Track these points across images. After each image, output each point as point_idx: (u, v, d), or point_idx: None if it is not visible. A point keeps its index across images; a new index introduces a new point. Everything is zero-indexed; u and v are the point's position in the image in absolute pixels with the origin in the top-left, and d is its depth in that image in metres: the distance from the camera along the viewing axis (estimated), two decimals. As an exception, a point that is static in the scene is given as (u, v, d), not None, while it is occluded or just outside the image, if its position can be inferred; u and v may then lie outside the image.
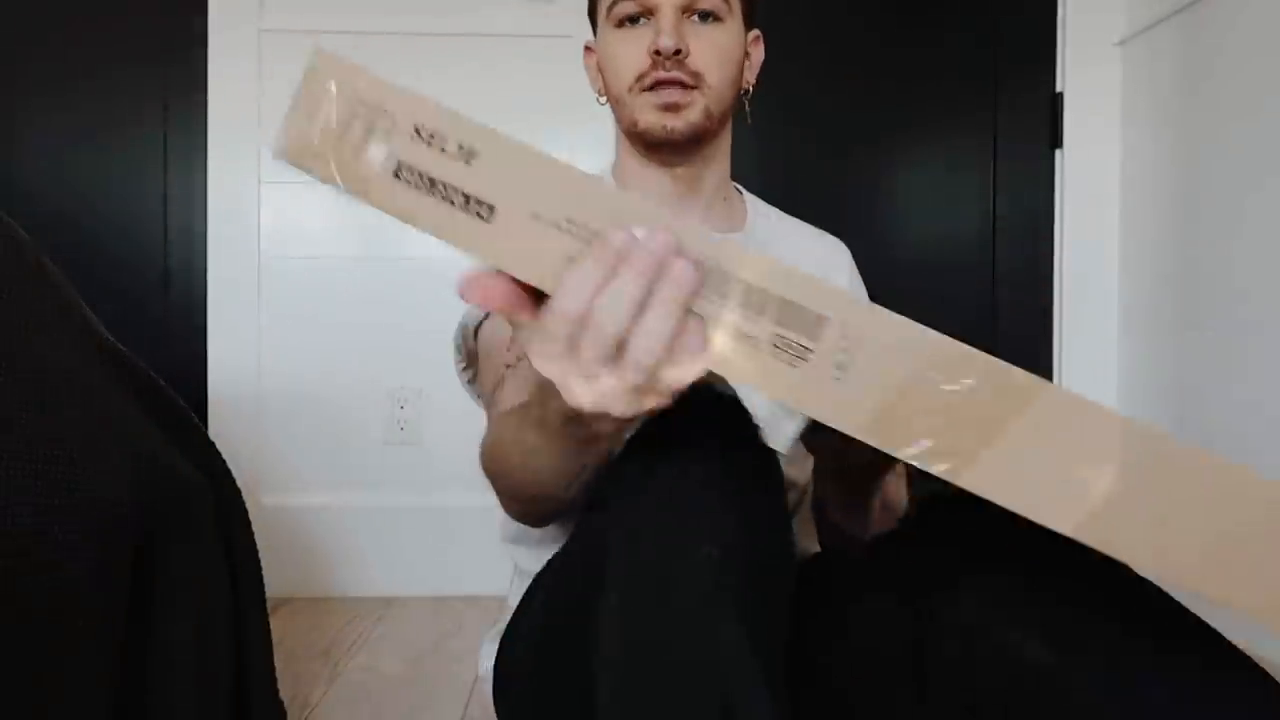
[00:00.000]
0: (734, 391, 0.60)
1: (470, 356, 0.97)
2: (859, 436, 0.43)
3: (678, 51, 0.83)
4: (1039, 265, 1.88)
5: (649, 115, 0.86)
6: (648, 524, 0.54)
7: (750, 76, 0.95)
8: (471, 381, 1.00)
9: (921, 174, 1.88)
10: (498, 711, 0.84)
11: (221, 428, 1.77)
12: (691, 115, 0.85)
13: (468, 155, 0.44)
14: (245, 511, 0.58)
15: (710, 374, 0.44)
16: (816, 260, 0.99)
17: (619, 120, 0.91)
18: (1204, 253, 1.60)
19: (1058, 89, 1.86)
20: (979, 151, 1.88)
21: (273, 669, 0.64)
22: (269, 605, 0.64)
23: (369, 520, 1.78)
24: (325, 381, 1.80)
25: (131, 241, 1.81)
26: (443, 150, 0.44)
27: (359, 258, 1.82)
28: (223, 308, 1.80)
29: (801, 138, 1.85)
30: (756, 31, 0.95)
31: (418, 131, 0.44)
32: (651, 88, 0.85)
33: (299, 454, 1.81)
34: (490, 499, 0.76)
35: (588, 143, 1.79)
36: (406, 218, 0.44)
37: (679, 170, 0.91)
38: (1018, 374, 0.42)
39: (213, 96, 1.79)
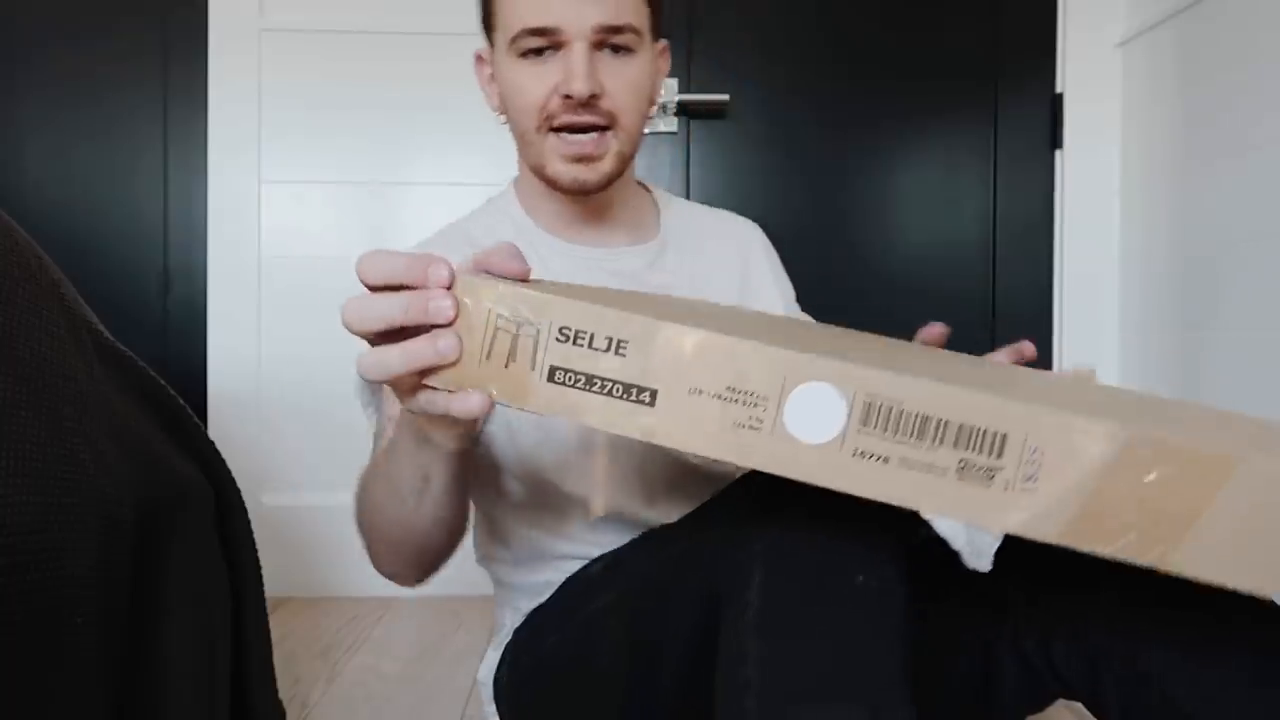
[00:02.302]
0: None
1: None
2: (1058, 543, 0.42)
3: (593, 95, 0.75)
4: (1039, 265, 1.88)
5: (557, 164, 0.79)
6: (797, 547, 0.54)
7: (658, 93, 0.87)
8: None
9: (921, 174, 1.88)
10: (501, 717, 0.84)
11: (221, 427, 1.77)
12: (604, 166, 0.79)
13: (618, 346, 0.45)
14: (245, 511, 0.58)
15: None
16: (735, 247, 0.94)
17: (522, 155, 0.84)
18: (1204, 253, 1.60)
19: (1058, 89, 1.86)
20: (979, 151, 1.88)
21: (272, 669, 0.64)
22: (269, 605, 0.64)
23: (369, 520, 1.78)
24: (325, 381, 1.80)
25: (131, 241, 1.81)
26: (592, 347, 0.45)
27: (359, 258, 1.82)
28: (223, 307, 1.80)
29: (801, 138, 1.85)
30: (664, 42, 0.86)
31: (563, 334, 0.45)
32: (559, 129, 0.77)
33: (299, 454, 1.81)
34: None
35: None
36: (574, 415, 0.45)
37: (585, 202, 0.85)
38: (1207, 452, 0.41)
39: (213, 96, 1.79)
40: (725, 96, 1.79)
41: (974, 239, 1.88)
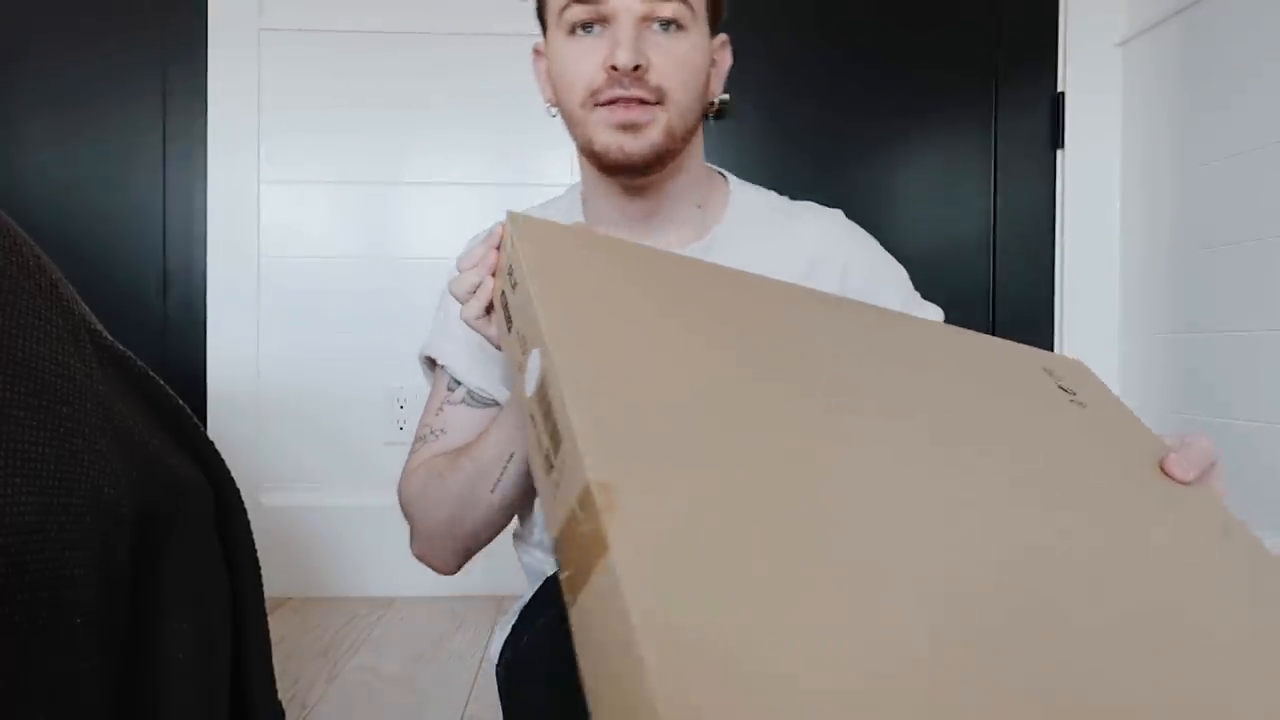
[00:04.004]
0: None
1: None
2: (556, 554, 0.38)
3: (636, 67, 0.74)
4: (1039, 265, 1.88)
5: (604, 135, 0.77)
6: None
7: (717, 86, 0.86)
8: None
9: (921, 174, 1.88)
10: (503, 698, 0.84)
11: (221, 427, 1.77)
12: (652, 135, 0.77)
13: (514, 283, 0.51)
14: (245, 511, 0.58)
15: None
16: (803, 248, 0.87)
17: (574, 137, 0.82)
18: (1204, 253, 1.60)
19: (1058, 89, 1.86)
20: (979, 151, 1.88)
21: (272, 669, 0.64)
22: (269, 605, 0.64)
23: (369, 520, 1.78)
24: (325, 381, 1.80)
25: (131, 242, 1.81)
26: (511, 283, 0.52)
27: (359, 258, 1.82)
28: (222, 307, 1.80)
29: (801, 138, 1.85)
30: (724, 36, 0.86)
31: (510, 272, 0.52)
32: (607, 104, 0.76)
33: (299, 454, 1.81)
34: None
35: (588, 142, 1.79)
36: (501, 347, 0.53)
37: (640, 190, 0.82)
38: (592, 525, 0.34)
39: (213, 96, 1.79)
40: (726, 95, 1.79)
41: (974, 239, 1.88)
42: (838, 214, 0.93)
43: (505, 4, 1.82)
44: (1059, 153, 1.87)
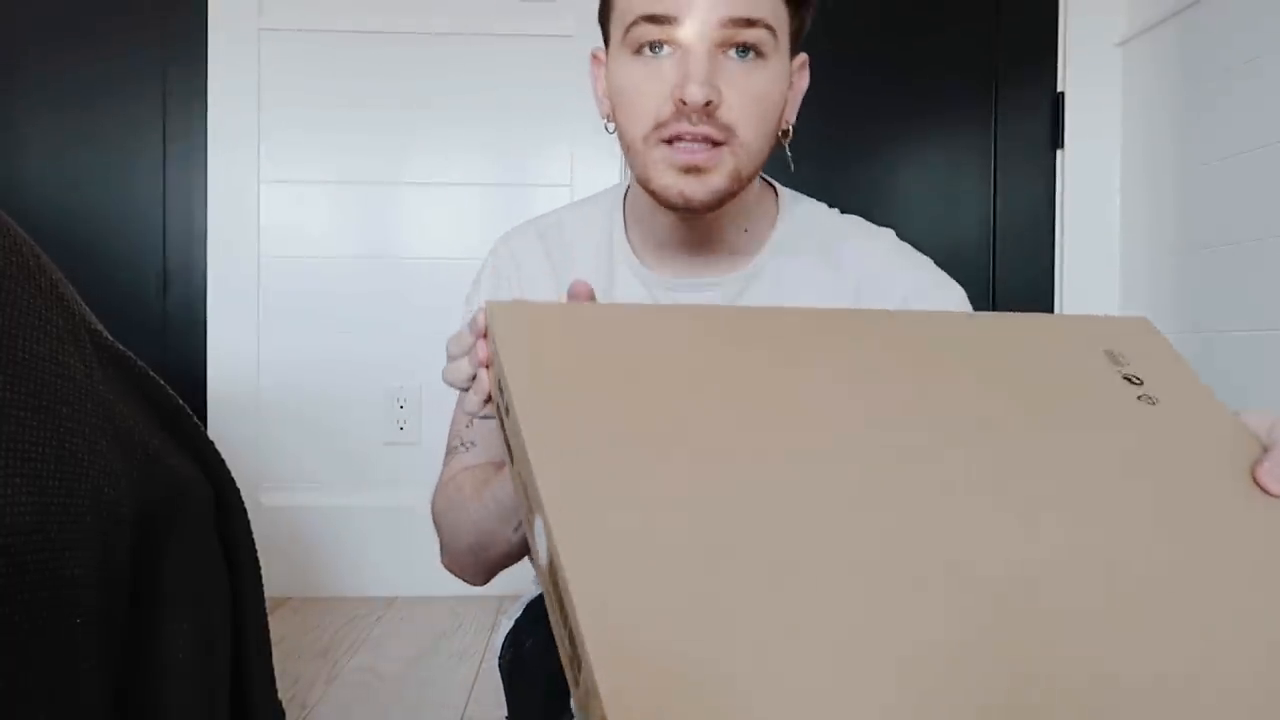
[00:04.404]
0: None
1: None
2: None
3: (708, 103, 0.66)
4: (1039, 265, 1.88)
5: (665, 176, 0.69)
6: None
7: (791, 113, 0.79)
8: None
9: (921, 174, 1.88)
10: (506, 691, 0.85)
11: (221, 427, 1.77)
12: (715, 181, 0.69)
13: (501, 390, 0.47)
14: (245, 511, 0.58)
15: None
16: (849, 273, 0.80)
17: (630, 165, 0.74)
18: (1204, 253, 1.60)
19: (1058, 89, 1.86)
20: (979, 151, 1.88)
21: (272, 669, 0.64)
22: (269, 605, 0.64)
23: (369, 520, 1.78)
24: (325, 381, 1.80)
25: (131, 241, 1.81)
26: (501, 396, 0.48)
27: (359, 258, 1.82)
28: (222, 307, 1.80)
29: (802, 137, 1.85)
30: (804, 57, 0.80)
31: (499, 384, 0.48)
32: (670, 140, 0.68)
33: (299, 454, 1.81)
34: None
35: (585, 149, 1.79)
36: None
37: (694, 224, 0.76)
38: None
39: (212, 96, 1.79)
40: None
41: (974, 239, 1.88)
42: (888, 235, 0.84)
43: (505, 4, 1.82)
44: (1059, 153, 1.87)
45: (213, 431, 2.00)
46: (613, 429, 0.43)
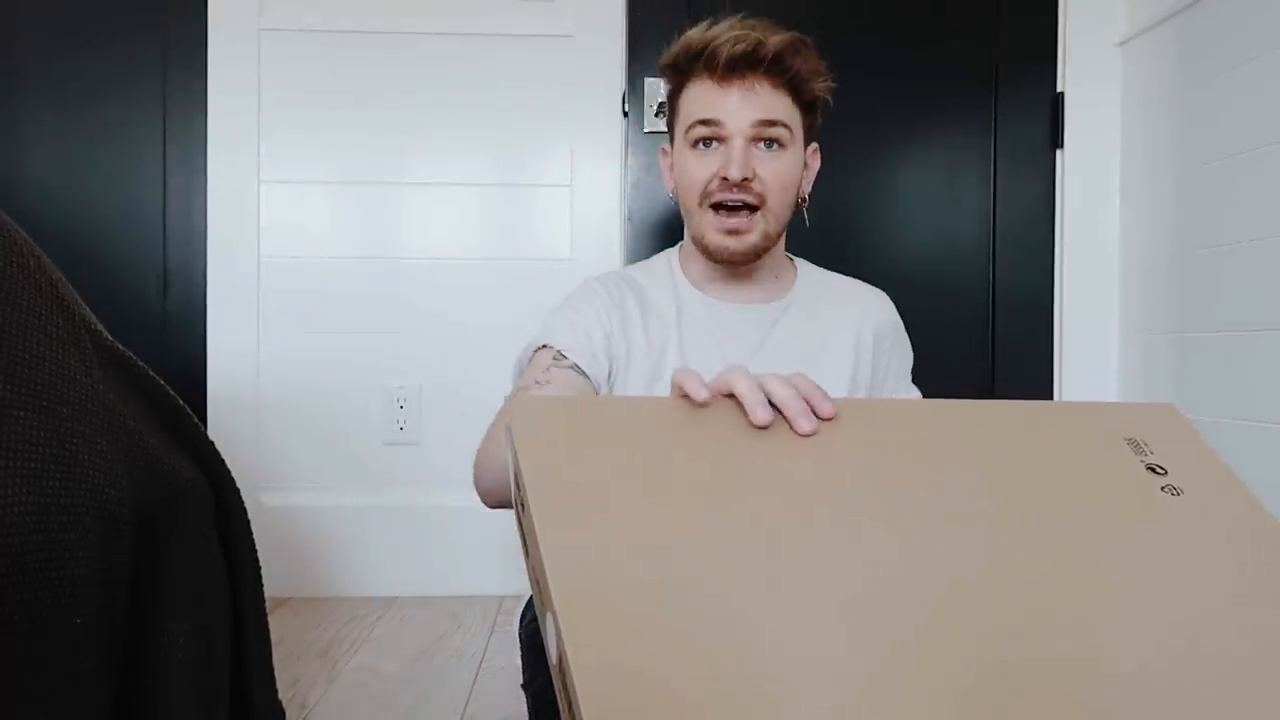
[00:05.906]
0: None
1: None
2: None
3: (745, 179, 0.94)
4: (1039, 265, 1.88)
5: (714, 236, 0.97)
6: None
7: (806, 186, 1.05)
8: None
9: (922, 174, 1.88)
10: (524, 655, 0.95)
11: (221, 427, 1.77)
12: (751, 239, 0.97)
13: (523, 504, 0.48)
14: (245, 511, 0.58)
15: None
16: (856, 312, 1.06)
17: (687, 225, 1.02)
18: (1204, 253, 1.60)
19: (1058, 89, 1.86)
20: (979, 151, 1.88)
21: (272, 669, 0.64)
22: (269, 605, 0.64)
23: (369, 520, 1.78)
24: (325, 381, 1.80)
25: (131, 241, 1.81)
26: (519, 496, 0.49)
27: (359, 258, 1.82)
28: (222, 307, 1.80)
29: (801, 138, 1.85)
30: (815, 145, 1.06)
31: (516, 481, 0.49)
32: (716, 207, 0.96)
33: (299, 454, 1.81)
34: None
35: (585, 146, 1.79)
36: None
37: (734, 272, 1.02)
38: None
39: (212, 96, 1.79)
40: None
41: (974, 239, 1.88)
42: (883, 294, 1.12)
43: (505, 4, 1.82)
44: (1059, 153, 1.87)
45: (213, 431, 2.00)
46: (626, 529, 0.44)
